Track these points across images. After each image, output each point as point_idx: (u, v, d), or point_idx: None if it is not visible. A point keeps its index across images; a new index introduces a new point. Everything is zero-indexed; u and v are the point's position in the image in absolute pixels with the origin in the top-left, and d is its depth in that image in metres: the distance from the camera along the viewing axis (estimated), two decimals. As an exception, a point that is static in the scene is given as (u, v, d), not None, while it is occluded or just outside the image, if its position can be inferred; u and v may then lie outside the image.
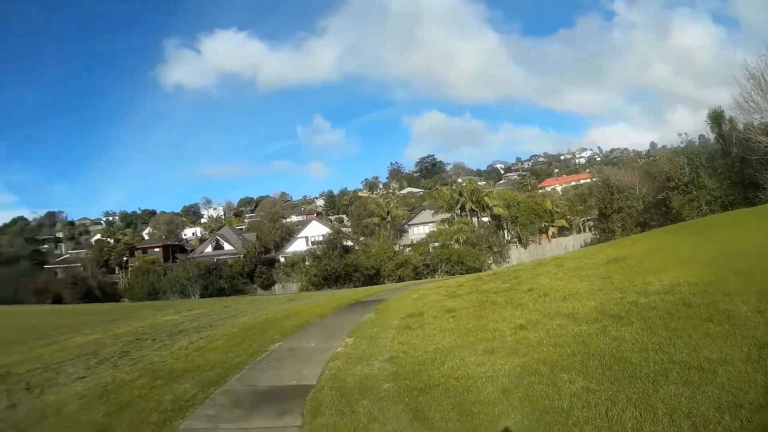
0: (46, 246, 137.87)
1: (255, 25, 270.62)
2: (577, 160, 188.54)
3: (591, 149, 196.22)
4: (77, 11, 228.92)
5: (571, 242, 59.63)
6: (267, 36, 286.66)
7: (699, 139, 46.08)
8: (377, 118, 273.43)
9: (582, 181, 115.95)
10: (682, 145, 46.66)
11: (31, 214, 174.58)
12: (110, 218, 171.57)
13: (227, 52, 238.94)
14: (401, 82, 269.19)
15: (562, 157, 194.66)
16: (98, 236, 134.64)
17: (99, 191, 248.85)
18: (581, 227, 71.82)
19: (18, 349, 15.45)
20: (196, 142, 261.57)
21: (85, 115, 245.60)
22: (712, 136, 41.84)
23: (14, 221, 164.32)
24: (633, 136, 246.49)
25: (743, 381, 5.95)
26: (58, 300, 55.78)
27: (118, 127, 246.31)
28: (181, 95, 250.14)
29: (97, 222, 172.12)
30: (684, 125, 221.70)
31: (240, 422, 7.22)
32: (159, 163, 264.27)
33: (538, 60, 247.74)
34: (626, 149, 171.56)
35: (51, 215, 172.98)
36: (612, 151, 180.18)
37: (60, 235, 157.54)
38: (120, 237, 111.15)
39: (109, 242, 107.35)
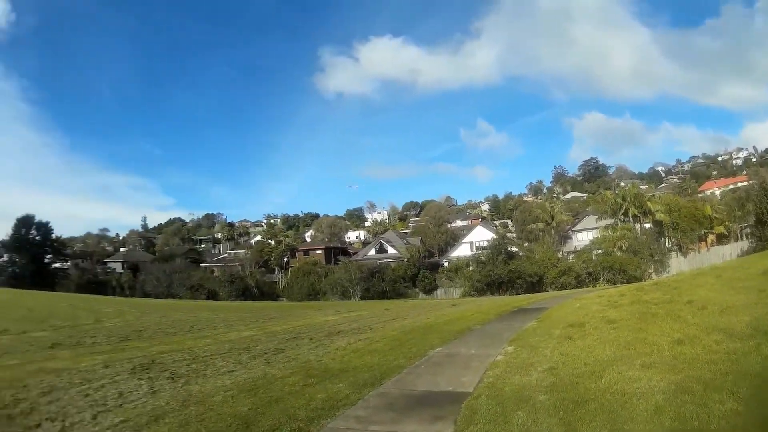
0: (203, 246, 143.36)
1: (409, 31, 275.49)
2: (734, 161, 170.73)
3: (747, 149, 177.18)
4: (238, 22, 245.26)
5: (729, 251, 54.49)
6: (423, 41, 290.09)
7: None
8: (539, 119, 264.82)
9: (740, 184, 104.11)
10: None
11: (188, 216, 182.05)
12: (271, 221, 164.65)
13: (384, 58, 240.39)
14: (559, 81, 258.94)
15: (719, 158, 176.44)
16: (258, 237, 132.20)
17: (260, 195, 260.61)
18: (738, 235, 65.08)
19: (167, 340, 15.84)
20: (358, 147, 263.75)
21: (246, 121, 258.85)
22: None
23: (171, 221, 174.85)
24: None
25: None
26: (212, 296, 56.74)
27: (279, 133, 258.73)
28: (340, 101, 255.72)
29: (257, 224, 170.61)
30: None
31: (390, 425, 7.02)
32: (321, 168, 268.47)
33: (689, 53, 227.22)
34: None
35: (209, 217, 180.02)
36: (766, 151, 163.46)
37: (218, 235, 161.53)
38: (281, 239, 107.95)
39: (269, 243, 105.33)
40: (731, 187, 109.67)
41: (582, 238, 72.15)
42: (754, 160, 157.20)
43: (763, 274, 14.48)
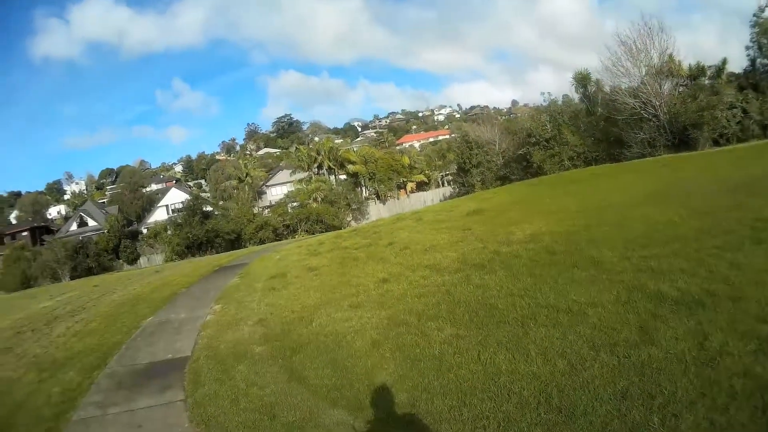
0: None
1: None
2: (435, 117, 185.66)
3: (450, 106, 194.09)
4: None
5: (431, 197, 59.07)
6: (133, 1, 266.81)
7: (563, 98, 43.09)
8: (235, 78, 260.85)
9: (441, 137, 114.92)
10: (544, 104, 44.77)
11: None
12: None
13: (92, 19, 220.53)
14: (261, 45, 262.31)
15: (420, 114, 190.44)
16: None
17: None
18: (440, 182, 72.08)
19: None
20: (59, 114, 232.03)
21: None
22: (576, 96, 40.16)
23: None
24: (493, 95, 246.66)
25: (615, 321, 6.08)
26: None
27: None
28: (47, 66, 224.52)
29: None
30: (547, 86, 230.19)
31: (126, 404, 7.12)
32: (22, 139, 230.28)
33: (397, 21, 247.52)
34: (486, 106, 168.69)
35: None
36: (472, 108, 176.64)
37: None
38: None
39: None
40: (432, 140, 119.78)
41: (277, 192, 73.84)
42: (457, 116, 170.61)
43: (467, 215, 15.78)
